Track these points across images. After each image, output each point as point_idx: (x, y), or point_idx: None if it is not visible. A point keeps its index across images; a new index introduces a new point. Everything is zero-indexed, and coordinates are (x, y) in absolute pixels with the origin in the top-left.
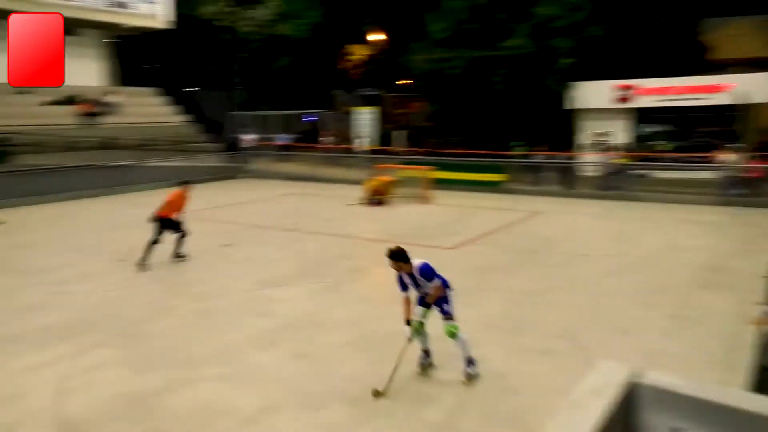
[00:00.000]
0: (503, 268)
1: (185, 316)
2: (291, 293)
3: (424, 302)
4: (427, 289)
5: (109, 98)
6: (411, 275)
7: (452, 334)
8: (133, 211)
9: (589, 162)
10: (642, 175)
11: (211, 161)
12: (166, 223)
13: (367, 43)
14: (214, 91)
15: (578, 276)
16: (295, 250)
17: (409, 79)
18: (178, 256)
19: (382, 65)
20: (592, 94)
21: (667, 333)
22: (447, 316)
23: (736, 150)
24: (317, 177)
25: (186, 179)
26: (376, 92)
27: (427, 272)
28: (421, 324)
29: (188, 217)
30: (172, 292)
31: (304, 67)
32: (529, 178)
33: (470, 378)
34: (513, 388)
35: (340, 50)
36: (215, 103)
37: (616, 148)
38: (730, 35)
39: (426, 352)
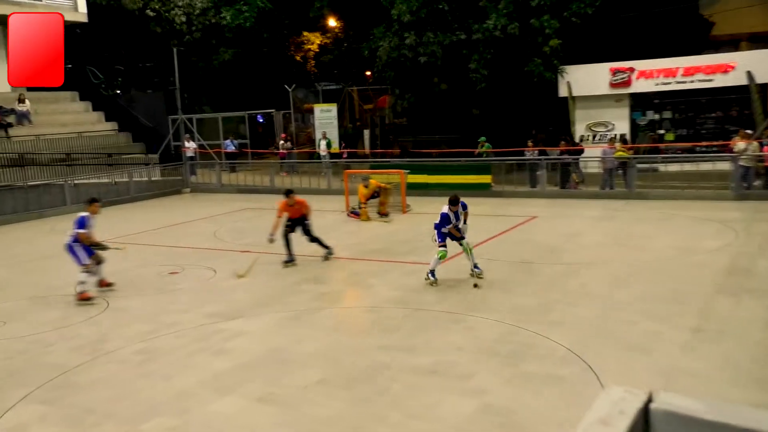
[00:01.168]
0: (498, 283)
1: (126, 360)
2: (251, 326)
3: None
4: (462, 216)
5: (20, 106)
6: (456, 212)
7: (470, 250)
8: (55, 239)
9: (588, 157)
10: (648, 170)
11: (148, 175)
12: (297, 221)
13: (323, 30)
14: (145, 93)
15: (584, 288)
16: (254, 275)
17: (374, 70)
18: (327, 250)
19: (341, 55)
20: (587, 78)
21: (688, 348)
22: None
23: (751, 137)
24: (274, 188)
25: (290, 189)
26: (337, 86)
27: (464, 205)
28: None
29: (124, 242)
30: (109, 332)
31: (252, 60)
32: (522, 179)
33: (480, 275)
34: (517, 425)
35: (292, 40)
36: (148, 106)
37: (617, 139)
38: (732, 9)
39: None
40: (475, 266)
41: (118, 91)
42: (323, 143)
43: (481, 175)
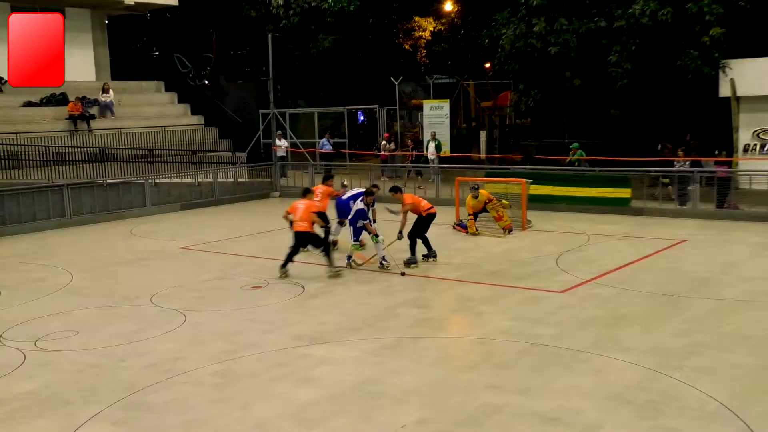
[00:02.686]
0: (636, 319)
1: (203, 382)
2: (341, 353)
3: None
4: (371, 211)
5: (103, 96)
6: (369, 205)
7: (380, 241)
8: (134, 243)
9: (756, 171)
10: None
11: (235, 175)
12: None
13: (437, 15)
14: (235, 84)
15: (743, 330)
16: (347, 293)
17: (495, 62)
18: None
19: (457, 44)
20: (757, 75)
21: None
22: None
23: None
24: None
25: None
26: (450, 80)
27: (374, 201)
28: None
29: (203, 249)
30: (184, 349)
31: (354, 49)
32: (669, 194)
33: (388, 267)
34: None
35: (401, 26)
36: (237, 98)
37: None
38: None
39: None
40: (384, 259)
41: (206, 82)
42: (432, 145)
43: (618, 188)
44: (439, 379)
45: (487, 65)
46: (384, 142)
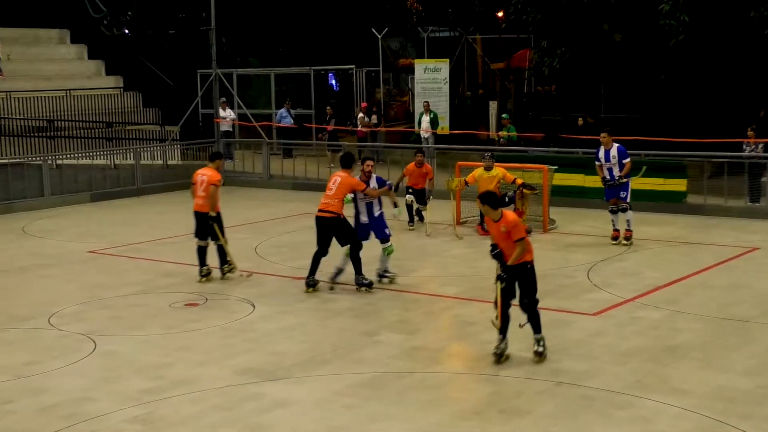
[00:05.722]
0: (691, 351)
1: (119, 430)
2: (301, 392)
3: None
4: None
5: None
6: None
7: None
8: (26, 245)
9: None
10: None
11: (164, 156)
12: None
13: None
14: (165, 35)
15: None
16: (310, 314)
17: (509, 10)
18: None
19: None
20: None
21: None
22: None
23: None
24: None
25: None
26: (451, 33)
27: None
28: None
29: (121, 254)
30: (93, 387)
31: None
32: (736, 188)
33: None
34: None
35: None
36: (168, 54)
37: None
38: None
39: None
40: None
41: (127, 31)
42: (426, 119)
43: (670, 178)
44: (432, 427)
45: (500, 14)
46: (361, 114)
